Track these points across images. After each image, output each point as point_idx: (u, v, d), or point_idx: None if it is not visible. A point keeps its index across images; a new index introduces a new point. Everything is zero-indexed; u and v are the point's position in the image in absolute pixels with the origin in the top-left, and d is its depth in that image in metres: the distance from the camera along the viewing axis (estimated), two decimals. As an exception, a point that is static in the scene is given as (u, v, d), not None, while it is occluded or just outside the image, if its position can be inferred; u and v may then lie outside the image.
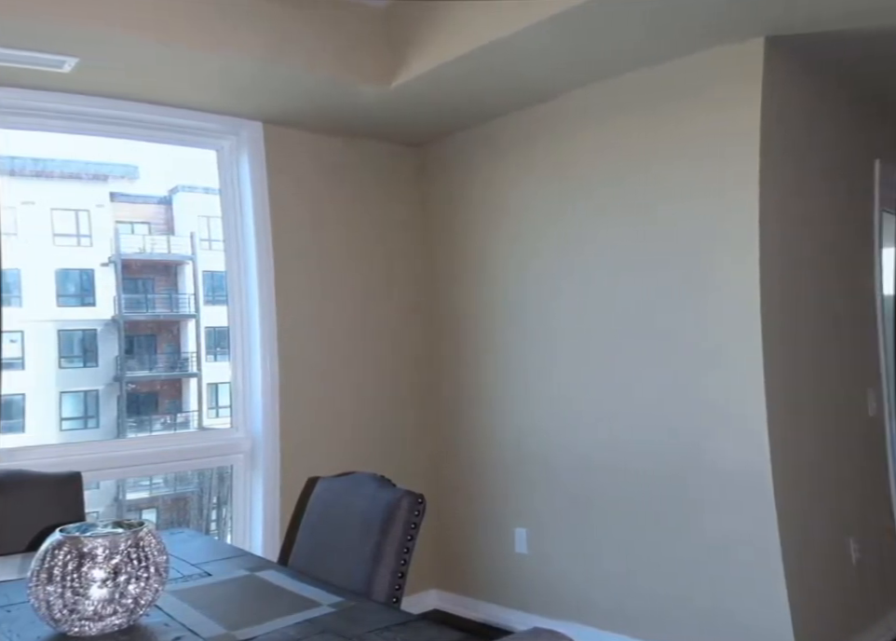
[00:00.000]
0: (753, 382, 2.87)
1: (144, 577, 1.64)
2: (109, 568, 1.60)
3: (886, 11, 2.61)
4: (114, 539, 1.63)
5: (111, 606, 1.60)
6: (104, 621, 1.60)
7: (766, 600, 2.83)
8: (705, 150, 3.02)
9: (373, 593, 2.07)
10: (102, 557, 1.60)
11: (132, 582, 1.62)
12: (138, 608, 1.65)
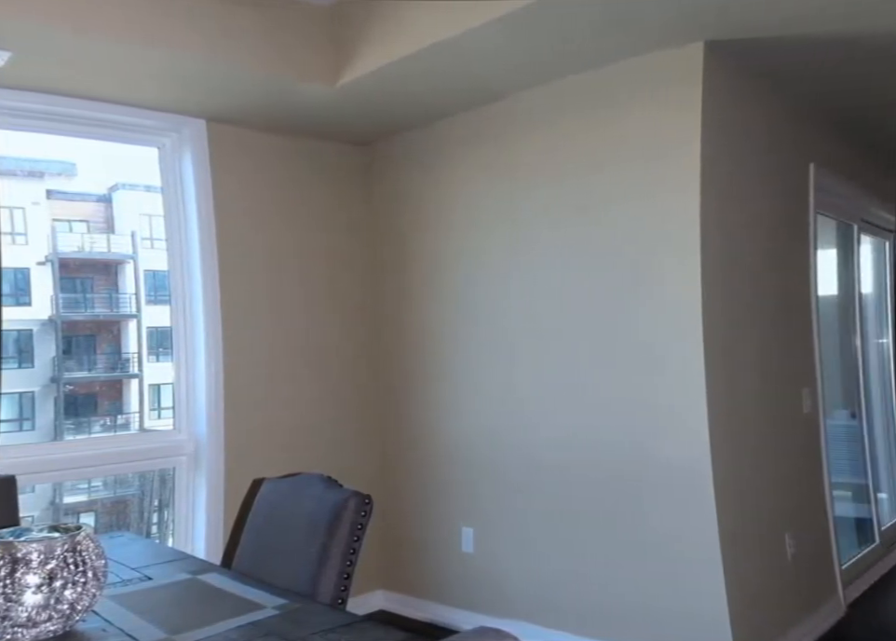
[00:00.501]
0: (695, 382, 2.92)
1: (81, 582, 1.60)
2: (44, 574, 1.55)
3: (815, 19, 2.69)
4: (49, 544, 1.58)
5: (46, 613, 1.56)
6: (39, 628, 1.56)
7: (705, 595, 2.88)
8: (648, 153, 3.07)
9: (319, 595, 2.06)
10: (37, 562, 1.55)
11: (69, 587, 1.58)
12: (74, 614, 1.61)
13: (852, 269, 4.60)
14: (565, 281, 3.32)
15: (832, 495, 3.78)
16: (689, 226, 2.94)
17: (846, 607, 3.69)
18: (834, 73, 3.26)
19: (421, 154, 3.92)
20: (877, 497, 4.69)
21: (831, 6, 2.58)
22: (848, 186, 4.23)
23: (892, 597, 3.95)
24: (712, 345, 2.94)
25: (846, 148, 4.29)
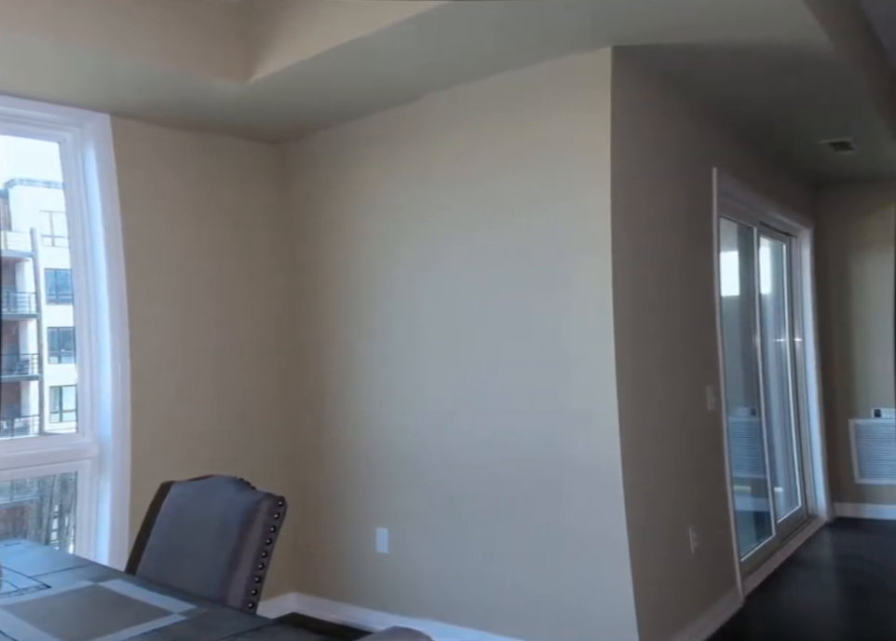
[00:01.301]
0: (607, 382, 2.98)
1: (-26, 591, 1.53)
2: (-67, 584, 1.48)
3: (713, 27, 2.80)
4: (-61, 553, 1.51)
5: (-65, 625, 1.48)
6: (-73, 642, 1.48)
7: (613, 589, 2.96)
8: (562, 155, 3.12)
9: (229, 599, 2.02)
10: (-75, 572, 1.48)
11: (-40, 598, 1.51)
12: (-34, 626, 1.54)
13: (753, 271, 4.80)
14: (482, 282, 3.35)
15: (733, 489, 3.92)
16: (601, 228, 3.01)
17: (743, 599, 3.84)
18: (734, 79, 3.39)
19: (337, 153, 3.89)
20: (774, 491, 4.90)
21: (727, 14, 2.69)
22: (748, 191, 4.40)
23: (787, 588, 4.13)
24: (622, 345, 3.02)
25: (746, 153, 4.47)
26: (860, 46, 3.45)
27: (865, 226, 5.59)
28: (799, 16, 2.67)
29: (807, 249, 5.58)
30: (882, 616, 3.64)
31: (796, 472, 5.43)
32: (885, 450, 5.49)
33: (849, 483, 5.61)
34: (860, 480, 5.57)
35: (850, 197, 5.64)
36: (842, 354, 5.67)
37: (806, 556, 4.69)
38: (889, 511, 5.44)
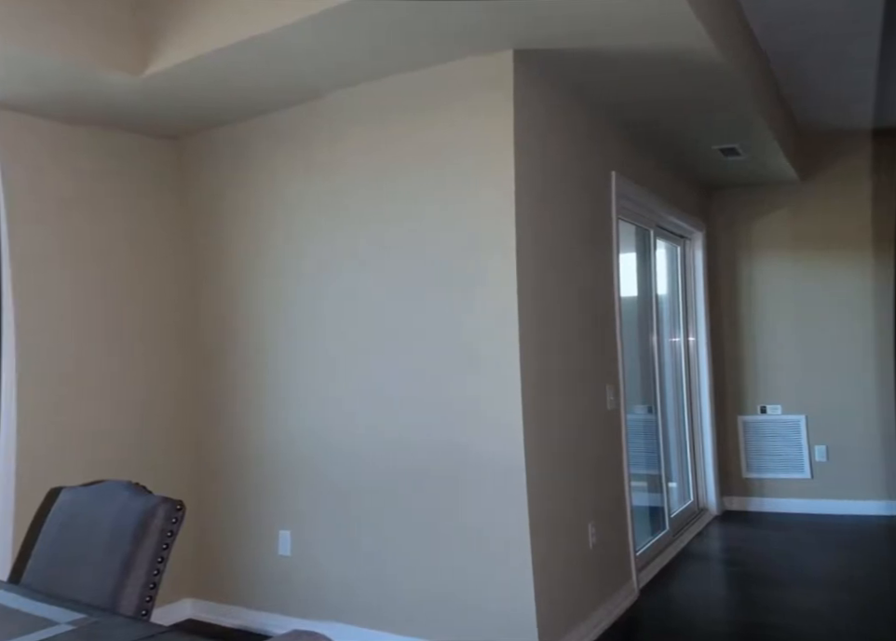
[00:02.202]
0: (511, 380, 3.01)
1: None
2: None
3: (610, 33, 2.86)
4: None
5: None
6: None
7: (514, 586, 2.99)
8: (465, 156, 3.14)
9: (121, 607, 1.94)
10: None
11: None
12: None
13: (649, 272, 4.94)
14: (387, 281, 3.33)
15: (630, 485, 4.03)
16: (506, 229, 3.03)
17: (638, 592, 3.96)
18: (631, 85, 3.48)
19: (240, 149, 3.79)
20: (668, 486, 5.07)
21: (622, 22, 2.75)
22: (645, 194, 4.54)
23: (679, 580, 4.28)
24: (526, 344, 3.06)
25: (643, 157, 4.61)
26: (745, 55, 3.60)
27: (754, 229, 5.85)
28: (689, 25, 2.76)
29: (699, 251, 5.79)
30: (765, 605, 3.81)
31: (689, 468, 5.63)
32: (770, 445, 5.76)
33: (738, 477, 5.86)
34: (747, 474, 5.83)
35: (740, 200, 5.89)
36: (732, 353, 5.92)
37: (696, 549, 4.87)
38: (772, 503, 5.72)
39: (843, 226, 5.54)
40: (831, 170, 5.61)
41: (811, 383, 5.64)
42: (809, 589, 3.98)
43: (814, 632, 3.39)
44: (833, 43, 3.86)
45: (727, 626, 3.59)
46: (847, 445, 5.52)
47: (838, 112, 5.05)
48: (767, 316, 5.79)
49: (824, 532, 5.10)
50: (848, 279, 5.54)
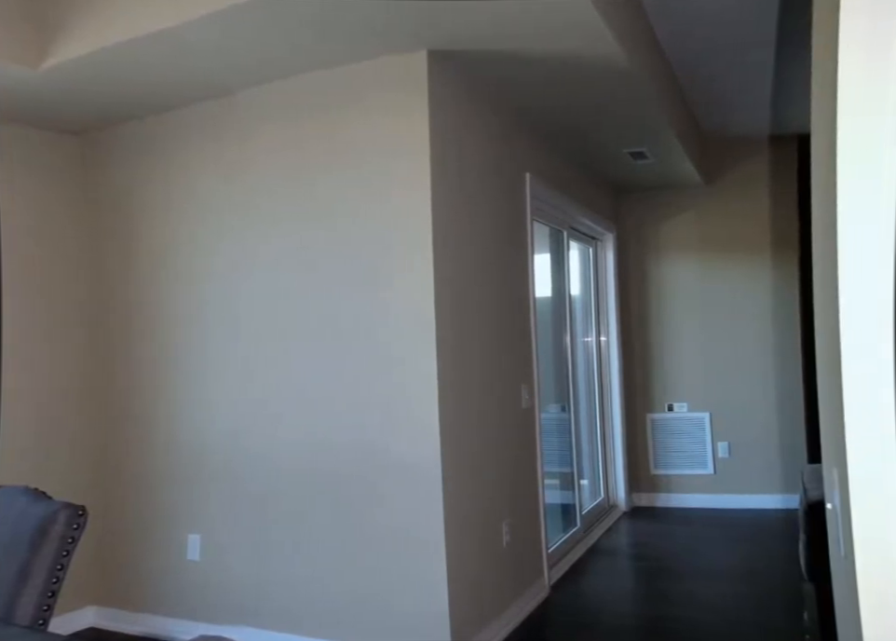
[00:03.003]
0: (428, 380, 3.02)
1: None
2: None
3: (522, 36, 2.90)
4: None
5: None
6: None
7: (428, 587, 2.99)
8: (381, 155, 3.12)
9: (16, 617, 1.86)
10: None
11: None
12: None
13: (563, 273, 5.03)
14: (302, 282, 3.29)
15: (544, 483, 4.09)
16: (422, 229, 3.03)
17: (549, 588, 4.02)
18: (543, 88, 3.53)
19: (148, 145, 3.67)
20: (580, 483, 5.17)
21: (533, 26, 2.79)
22: (558, 195, 4.61)
23: (588, 576, 4.37)
24: (443, 345, 3.06)
25: (557, 160, 4.68)
26: (652, 61, 3.70)
27: (662, 231, 6.02)
28: (598, 30, 2.82)
29: (611, 252, 5.93)
30: (669, 597, 3.94)
31: (600, 465, 5.76)
32: (677, 442, 5.94)
33: (646, 473, 6.02)
34: (655, 471, 6.00)
35: (649, 203, 6.05)
36: (641, 352, 6.08)
37: (606, 545, 4.99)
38: (678, 499, 5.90)
39: (744, 229, 5.76)
40: (733, 175, 5.82)
41: (715, 381, 5.84)
42: (711, 581, 4.13)
43: (714, 622, 3.52)
44: (732, 51, 4.00)
45: (633, 619, 3.69)
46: (747, 441, 5.74)
47: (739, 118, 5.25)
48: (675, 316, 5.97)
49: (726, 526, 5.30)
50: (750, 279, 5.76)
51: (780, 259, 5.65)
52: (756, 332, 5.74)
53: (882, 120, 0.95)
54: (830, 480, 1.23)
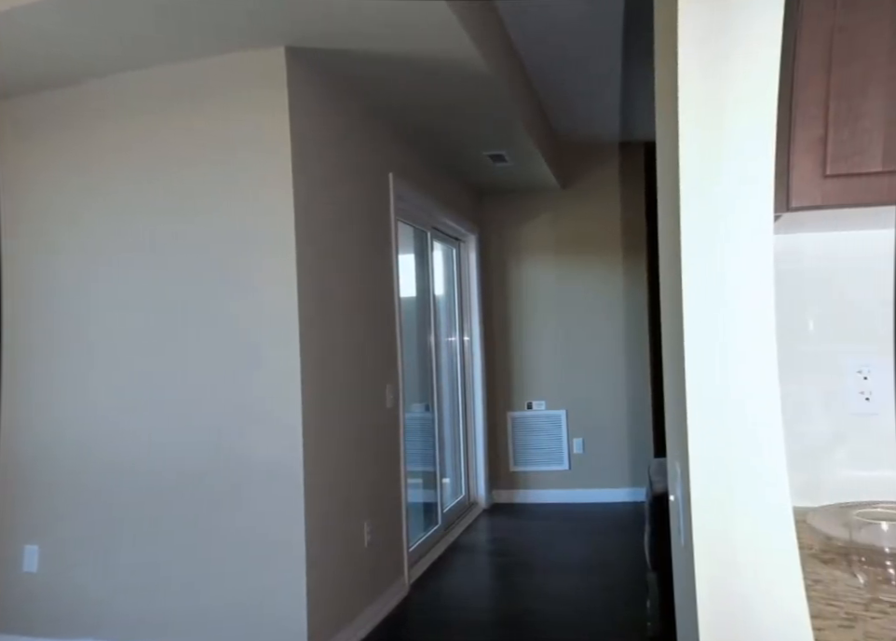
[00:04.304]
0: (292, 381, 2.96)
1: None
2: None
3: (381, 36, 2.89)
4: None
5: None
6: None
7: (287, 592, 2.94)
8: (241, 152, 3.03)
9: None
10: None
11: None
12: None
13: (427, 273, 5.06)
14: (157, 280, 3.14)
15: (406, 482, 4.11)
16: (284, 227, 2.97)
17: (409, 587, 4.04)
18: (404, 88, 3.54)
19: None
20: (443, 482, 5.22)
21: (390, 25, 2.78)
22: (421, 196, 4.64)
23: (448, 573, 4.42)
24: (307, 345, 3.01)
25: (420, 160, 4.71)
26: (508, 66, 3.78)
27: (521, 233, 6.17)
28: (454, 32, 2.84)
29: (473, 253, 6.02)
30: (525, 591, 4.05)
31: (462, 463, 5.83)
32: (535, 440, 6.10)
33: (506, 470, 6.15)
34: (514, 468, 6.14)
35: (509, 205, 6.18)
36: (503, 351, 6.20)
37: (466, 542, 5.06)
38: (536, 494, 6.07)
39: (598, 232, 6.00)
40: (587, 179, 6.05)
41: (572, 379, 6.04)
42: (565, 574, 4.27)
43: (567, 614, 3.64)
44: (582, 59, 4.15)
45: (490, 614, 3.77)
46: (600, 438, 5.97)
47: (591, 125, 5.46)
48: (535, 316, 6.13)
49: (580, 520, 5.49)
50: (604, 280, 6.00)
51: (631, 261, 5.91)
52: (609, 331, 5.98)
53: (720, 133, 1.00)
54: (673, 473, 1.29)
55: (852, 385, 1.55)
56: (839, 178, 1.23)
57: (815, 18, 1.21)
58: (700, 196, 1.02)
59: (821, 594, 1.11)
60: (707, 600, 1.01)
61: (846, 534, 1.16)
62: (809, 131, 1.22)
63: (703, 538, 1.02)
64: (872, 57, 1.20)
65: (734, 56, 0.99)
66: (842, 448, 1.56)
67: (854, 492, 1.49)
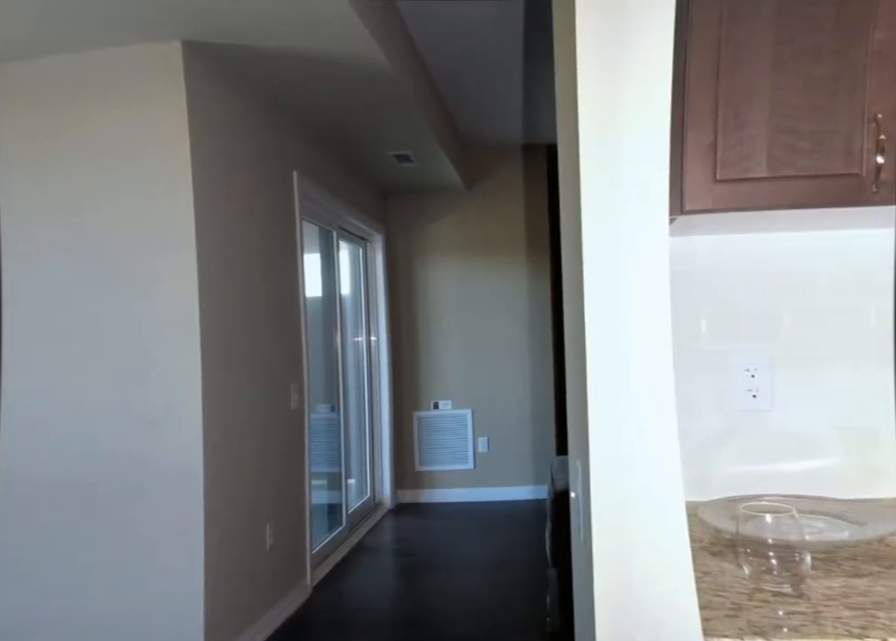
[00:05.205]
0: (192, 383, 2.89)
1: None
2: None
3: (281, 32, 2.84)
4: None
5: None
6: None
7: (184, 600, 2.87)
8: (138, 148, 2.93)
9: None
10: None
11: None
12: None
13: (333, 273, 5.01)
14: (47, 280, 2.99)
15: (311, 484, 4.06)
16: (184, 226, 2.89)
17: (311, 589, 4.00)
18: (308, 86, 3.49)
19: None
20: (348, 483, 5.18)
21: (291, 22, 2.73)
22: (327, 195, 4.59)
23: (351, 575, 4.39)
24: (209, 346, 2.94)
25: (325, 159, 4.66)
26: (412, 67, 3.79)
27: (427, 233, 6.19)
28: (355, 29, 2.81)
29: (380, 253, 6.00)
30: (429, 590, 4.06)
31: (368, 464, 5.80)
32: (441, 439, 6.13)
33: (412, 470, 6.15)
34: (420, 467, 6.15)
35: (415, 205, 6.19)
36: (410, 351, 6.20)
37: (370, 542, 5.04)
38: (441, 494, 6.10)
39: (503, 232, 6.07)
40: (491, 181, 6.11)
41: (478, 379, 6.10)
42: (468, 572, 4.30)
43: (469, 611, 3.68)
44: (485, 62, 4.19)
45: (393, 614, 3.76)
46: (505, 436, 6.05)
47: (495, 127, 5.52)
48: (441, 316, 6.16)
49: (484, 518, 5.55)
50: (508, 281, 6.07)
51: (535, 261, 6.01)
52: (515, 331, 6.06)
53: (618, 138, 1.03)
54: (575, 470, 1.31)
55: (740, 383, 1.62)
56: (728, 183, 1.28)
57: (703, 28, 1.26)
58: (600, 199, 1.04)
59: (709, 586, 1.15)
60: (604, 594, 1.03)
61: (733, 527, 1.20)
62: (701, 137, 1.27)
63: (602, 534, 1.04)
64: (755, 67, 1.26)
65: (629, 62, 1.02)
66: (731, 444, 1.62)
67: (742, 486, 1.56)
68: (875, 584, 1.14)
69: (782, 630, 0.99)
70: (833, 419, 1.61)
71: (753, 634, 0.98)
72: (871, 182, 1.26)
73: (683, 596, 1.00)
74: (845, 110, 1.25)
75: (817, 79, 1.25)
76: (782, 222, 1.48)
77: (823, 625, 1.00)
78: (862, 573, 1.19)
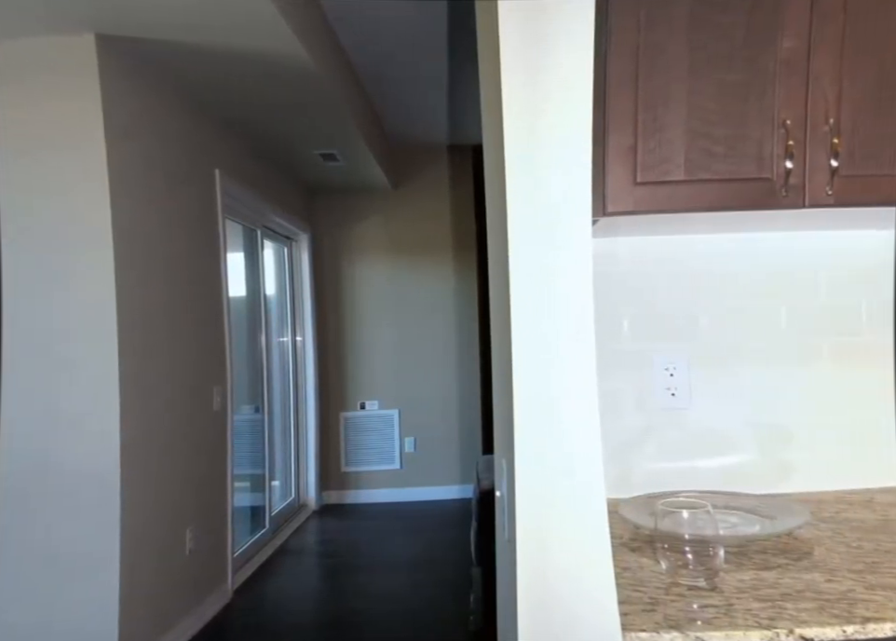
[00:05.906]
0: (109, 385, 2.80)
1: None
2: None
3: (201, 28, 2.78)
4: None
5: None
6: None
7: (98, 607, 2.78)
8: (49, 143, 2.82)
9: None
10: None
11: None
12: None
13: (258, 272, 4.93)
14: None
15: (233, 486, 3.98)
16: (101, 224, 2.81)
17: (232, 593, 3.93)
18: (229, 83, 3.42)
19: None
20: (272, 485, 5.11)
21: (210, 18, 2.67)
22: (250, 193, 4.51)
23: (274, 577, 4.33)
24: (126, 346, 2.86)
25: (249, 157, 4.57)
26: (337, 66, 3.76)
27: (355, 233, 6.15)
28: (276, 26, 2.77)
29: (306, 253, 5.93)
30: (352, 591, 4.03)
31: (293, 465, 5.73)
32: (367, 439, 6.10)
33: (337, 471, 6.10)
34: (346, 468, 6.11)
35: (342, 205, 6.14)
36: (336, 351, 6.15)
37: (294, 545, 4.97)
38: (367, 494, 6.06)
39: (429, 232, 6.08)
40: (418, 181, 6.11)
41: (405, 379, 6.09)
42: (393, 572, 4.29)
43: (393, 611, 3.67)
44: (410, 61, 4.19)
45: (315, 616, 3.73)
46: (431, 436, 6.05)
47: (421, 127, 5.52)
48: (369, 316, 6.12)
49: (410, 518, 5.54)
50: (436, 280, 6.08)
51: (461, 261, 6.03)
52: (442, 331, 6.07)
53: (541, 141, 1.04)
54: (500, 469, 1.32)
55: (660, 382, 1.66)
56: (648, 185, 1.31)
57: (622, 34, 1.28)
58: (525, 200, 1.05)
59: (629, 581, 1.17)
60: (526, 591, 1.04)
61: (651, 523, 1.23)
62: (622, 140, 1.30)
63: (525, 532, 1.05)
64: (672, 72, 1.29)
65: (550, 66, 1.03)
66: (651, 441, 1.66)
67: (662, 482, 1.60)
68: (783, 576, 1.18)
69: (696, 623, 1.02)
70: (747, 417, 1.67)
71: (668, 628, 1.01)
72: (781, 186, 1.30)
73: (603, 593, 1.01)
74: (756, 116, 1.30)
75: (729, 85, 1.29)
76: (699, 224, 1.52)
77: (735, 617, 1.03)
78: (772, 566, 1.23)
